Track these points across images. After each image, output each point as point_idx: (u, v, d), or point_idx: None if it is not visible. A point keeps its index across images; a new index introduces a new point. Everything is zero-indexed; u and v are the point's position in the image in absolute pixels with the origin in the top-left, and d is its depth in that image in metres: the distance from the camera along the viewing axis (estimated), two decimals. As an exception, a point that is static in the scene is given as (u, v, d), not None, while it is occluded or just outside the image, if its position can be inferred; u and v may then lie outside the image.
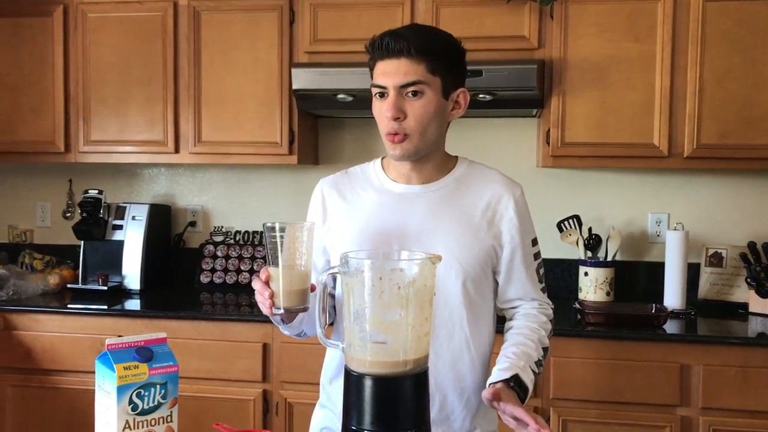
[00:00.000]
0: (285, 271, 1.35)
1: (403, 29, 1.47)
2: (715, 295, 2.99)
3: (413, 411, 1.15)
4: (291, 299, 1.36)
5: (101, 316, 2.86)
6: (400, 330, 1.12)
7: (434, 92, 1.45)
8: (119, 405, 1.16)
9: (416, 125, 1.45)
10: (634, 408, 2.53)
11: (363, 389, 1.13)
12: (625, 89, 2.78)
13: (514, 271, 1.58)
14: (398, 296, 1.12)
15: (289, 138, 2.99)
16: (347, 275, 1.15)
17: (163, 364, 1.20)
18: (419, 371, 1.15)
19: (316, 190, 1.65)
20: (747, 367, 2.46)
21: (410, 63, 1.42)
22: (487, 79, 2.70)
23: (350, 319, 1.14)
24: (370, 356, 1.13)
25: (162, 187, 3.50)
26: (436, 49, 1.45)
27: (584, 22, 2.79)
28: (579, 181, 3.17)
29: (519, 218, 1.56)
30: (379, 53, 1.45)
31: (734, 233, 3.07)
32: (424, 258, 1.13)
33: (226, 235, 3.42)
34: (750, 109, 2.72)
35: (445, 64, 1.46)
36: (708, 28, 2.72)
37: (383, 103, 1.46)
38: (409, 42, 1.41)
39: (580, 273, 3.01)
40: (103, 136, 3.13)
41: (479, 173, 1.59)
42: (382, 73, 1.45)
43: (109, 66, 3.10)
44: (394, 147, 1.48)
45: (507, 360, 1.47)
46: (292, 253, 1.35)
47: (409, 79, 1.42)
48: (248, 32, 2.99)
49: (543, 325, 1.60)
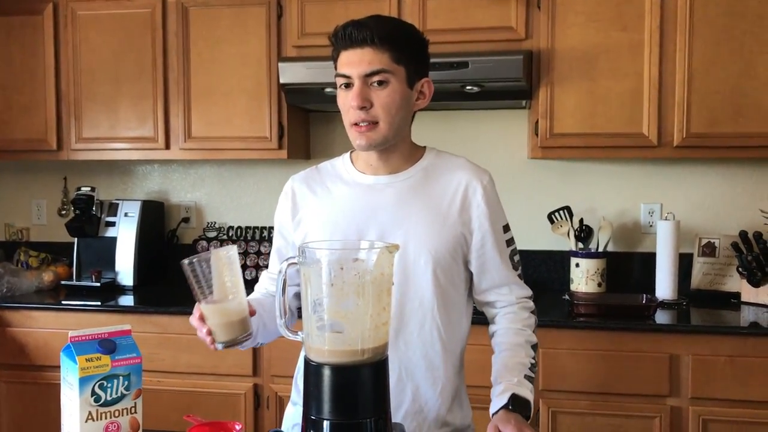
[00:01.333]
0: (216, 306, 1.29)
1: (365, 19, 1.47)
2: (708, 285, 2.97)
3: (372, 400, 1.15)
4: (230, 332, 1.30)
5: (94, 312, 2.87)
6: (357, 319, 1.12)
7: (399, 81, 1.45)
8: (81, 396, 1.17)
9: (383, 113, 1.45)
10: (624, 398, 2.52)
11: (322, 378, 1.14)
12: (613, 79, 2.76)
13: (486, 258, 1.56)
14: (355, 285, 1.12)
15: (279, 132, 2.99)
16: (305, 265, 1.15)
17: (127, 355, 1.21)
18: (378, 360, 1.15)
19: (287, 185, 1.66)
20: (736, 356, 2.44)
21: (374, 52, 1.42)
22: (473, 71, 2.69)
23: (308, 309, 1.14)
24: (328, 345, 1.14)
25: (155, 183, 3.51)
26: (399, 38, 1.45)
27: (572, 12, 2.77)
28: (570, 172, 3.16)
29: (487, 205, 1.54)
30: (343, 43, 1.45)
31: (726, 222, 3.05)
32: (381, 247, 1.13)
33: (220, 230, 3.43)
34: (739, 97, 2.70)
35: (408, 53, 1.46)
36: (696, 16, 2.70)
37: (348, 94, 1.46)
38: (373, 31, 1.42)
39: (572, 264, 3.00)
40: (94, 133, 3.14)
41: (447, 162, 1.59)
42: (346, 63, 1.45)
43: (100, 63, 3.11)
44: (360, 136, 1.48)
45: (501, 382, 1.47)
46: (221, 284, 1.28)
47: (373, 68, 1.42)
48: (236, 27, 3.00)
49: (527, 322, 1.59)
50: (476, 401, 1.69)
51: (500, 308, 1.61)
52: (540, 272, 3.16)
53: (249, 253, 3.34)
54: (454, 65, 2.68)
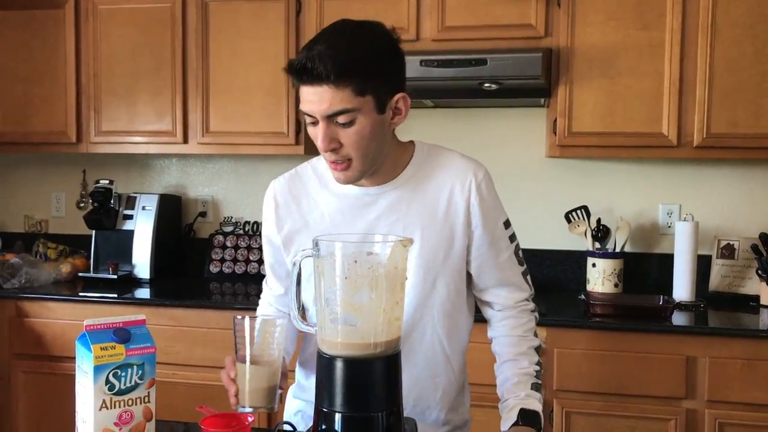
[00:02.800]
0: (252, 369, 1.30)
1: (321, 48, 1.27)
2: (726, 288, 2.94)
3: (384, 394, 1.15)
4: (257, 398, 1.31)
5: (111, 305, 2.90)
6: (370, 312, 1.12)
7: (367, 114, 1.31)
8: (96, 384, 1.18)
9: (354, 152, 1.34)
10: (639, 400, 2.50)
11: (334, 371, 1.13)
12: (633, 78, 2.74)
13: (484, 258, 1.48)
14: (368, 279, 1.12)
15: (296, 128, 3.00)
16: (319, 258, 1.15)
17: (141, 345, 1.21)
18: (390, 354, 1.15)
19: (268, 195, 1.54)
20: (754, 359, 2.41)
21: (333, 90, 1.27)
22: (492, 68, 2.68)
23: (321, 302, 1.14)
24: (340, 338, 1.14)
25: (173, 177, 3.53)
26: (361, 68, 1.28)
27: (592, 10, 2.75)
28: (588, 171, 3.14)
29: (483, 203, 1.45)
30: (298, 77, 1.30)
31: (746, 224, 3.01)
32: (396, 241, 1.13)
33: (236, 225, 3.44)
34: (760, 97, 2.66)
35: (376, 79, 1.31)
36: (718, 16, 2.67)
37: (316, 130, 1.34)
38: (328, 68, 1.25)
39: (588, 264, 2.97)
40: (113, 126, 3.16)
41: (438, 159, 1.48)
42: (307, 101, 1.30)
43: (119, 57, 3.14)
44: (337, 174, 1.39)
45: (508, 398, 1.44)
46: (261, 349, 1.30)
47: (334, 109, 1.28)
48: (255, 23, 3.01)
49: (527, 326, 1.53)
50: (477, 399, 1.68)
51: (498, 311, 1.54)
52: (556, 272, 3.14)
53: (265, 248, 3.35)
54: (472, 62, 2.67)
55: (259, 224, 3.42)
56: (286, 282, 1.59)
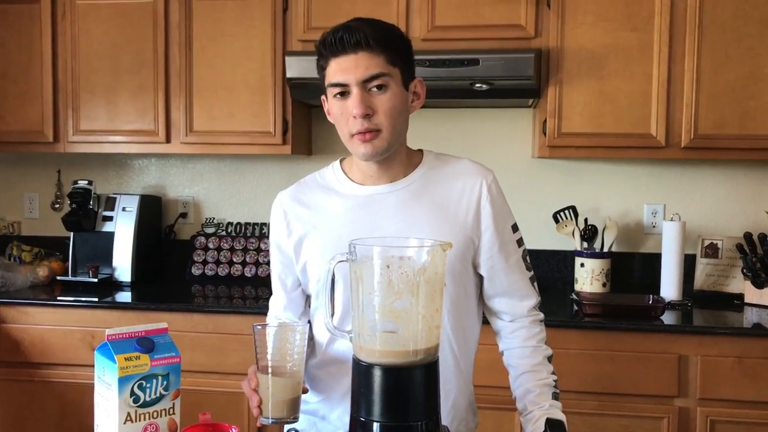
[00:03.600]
0: (275, 380, 1.27)
1: (353, 23, 1.38)
2: (710, 286, 2.98)
3: (423, 402, 1.12)
4: (280, 410, 1.29)
5: (92, 309, 2.81)
6: (410, 319, 1.09)
7: (397, 84, 1.39)
8: (120, 397, 1.13)
9: (386, 120, 1.38)
10: (632, 399, 2.51)
11: (372, 379, 1.10)
12: (622, 79, 2.76)
13: (495, 261, 1.49)
14: (408, 284, 1.09)
15: (283, 128, 2.95)
16: (355, 263, 1.12)
17: (165, 354, 1.17)
18: (430, 361, 1.12)
19: (275, 205, 1.56)
20: (744, 357, 2.45)
21: (370, 56, 1.35)
22: (484, 68, 2.67)
23: (360, 308, 1.11)
24: (379, 346, 1.10)
25: (152, 177, 3.45)
26: (393, 40, 1.39)
27: (581, 11, 2.76)
28: (574, 172, 3.15)
29: (493, 206, 1.48)
30: (334, 49, 1.36)
31: (729, 224, 3.07)
32: (435, 245, 1.10)
33: (218, 226, 3.38)
34: (747, 99, 2.71)
35: (401, 54, 1.40)
36: (705, 18, 2.71)
37: (346, 102, 1.37)
38: (366, 34, 1.34)
39: (576, 264, 2.99)
40: (92, 125, 3.07)
41: (448, 164, 1.52)
42: (341, 70, 1.36)
43: (99, 54, 3.05)
44: (365, 146, 1.39)
45: (532, 410, 1.43)
46: (282, 357, 1.28)
47: (372, 72, 1.35)
48: (240, 20, 2.95)
49: (539, 336, 1.54)
50: (481, 401, 1.67)
51: (509, 322, 1.54)
52: (544, 271, 3.14)
53: (249, 249, 3.29)
54: (464, 62, 2.66)
55: (242, 225, 3.35)
56: (292, 293, 1.58)
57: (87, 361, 2.77)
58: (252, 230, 3.34)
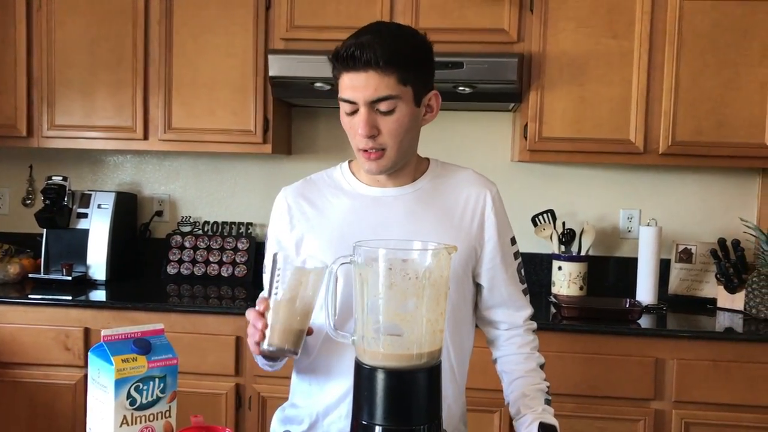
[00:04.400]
0: (286, 304, 1.25)
1: (368, 37, 1.34)
2: (684, 291, 3.04)
3: (426, 405, 1.12)
4: (286, 338, 1.26)
5: (66, 307, 2.75)
6: (415, 322, 1.09)
7: (406, 103, 1.37)
8: (117, 399, 1.10)
9: (391, 140, 1.38)
10: (609, 401, 2.54)
11: (375, 383, 1.10)
12: (602, 85, 2.79)
13: (496, 271, 1.52)
14: (414, 286, 1.09)
15: (264, 126, 2.93)
16: (360, 266, 1.11)
17: (162, 356, 1.15)
18: (433, 365, 1.12)
19: (279, 199, 1.54)
20: (718, 360, 2.50)
21: (379, 76, 1.32)
22: (468, 72, 2.68)
23: (364, 311, 1.11)
24: (383, 349, 1.10)
25: (127, 174, 3.39)
26: (405, 58, 1.34)
27: (564, 17, 2.79)
28: (553, 176, 3.18)
29: (497, 217, 1.51)
30: (345, 65, 1.34)
31: (703, 230, 3.13)
32: (441, 248, 1.10)
33: (194, 225, 3.33)
34: (723, 107, 2.76)
35: (415, 71, 1.37)
36: (684, 27, 2.75)
37: (354, 119, 1.38)
38: (377, 53, 1.31)
39: (554, 267, 3.02)
40: (68, 120, 3.01)
41: (453, 173, 1.55)
42: (350, 87, 1.35)
43: (76, 48, 2.98)
44: (369, 163, 1.41)
45: (526, 414, 1.44)
46: (295, 292, 1.26)
47: (379, 95, 1.33)
48: (222, 17, 2.91)
49: (533, 344, 1.57)
50: (470, 403, 1.68)
51: (504, 330, 1.57)
52: (521, 274, 3.16)
53: (226, 249, 3.26)
54: (449, 65, 2.66)
55: (219, 224, 3.31)
56: None
57: (60, 360, 2.72)
58: (229, 229, 3.30)
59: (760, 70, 2.74)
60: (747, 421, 2.50)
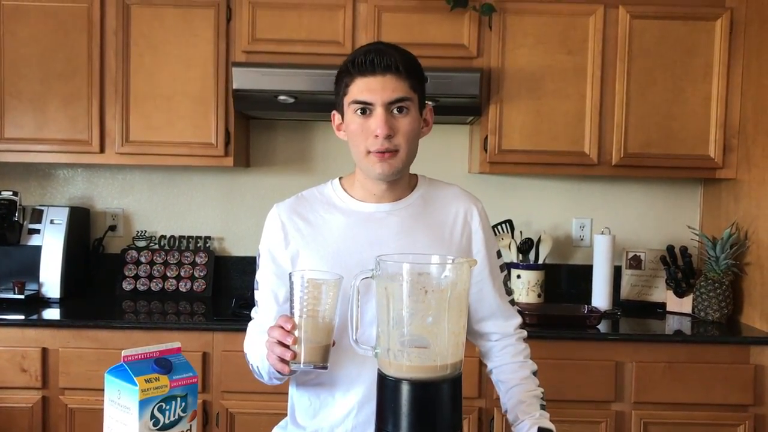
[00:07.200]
0: (312, 322, 1.26)
1: (381, 47, 1.45)
2: (635, 296, 3.17)
3: (450, 415, 1.15)
4: (317, 353, 1.27)
5: (22, 327, 2.65)
6: (440, 334, 1.12)
7: (415, 109, 1.46)
8: (141, 420, 1.09)
9: (405, 142, 1.45)
10: (572, 405, 2.63)
11: (400, 394, 1.12)
12: (558, 99, 2.90)
13: (484, 285, 1.57)
14: (438, 299, 1.11)
15: (225, 139, 2.90)
16: (384, 279, 1.13)
17: (183, 375, 1.14)
18: (456, 376, 1.15)
19: (272, 215, 1.55)
20: (673, 362, 2.62)
21: (397, 79, 1.42)
22: (431, 86, 2.68)
23: (389, 324, 1.13)
24: (408, 361, 1.13)
25: (78, 188, 3.30)
26: (416, 68, 1.47)
27: (521, 33, 2.88)
28: (510, 187, 3.27)
29: (484, 232, 1.57)
30: (363, 69, 1.42)
31: (651, 237, 3.28)
32: (463, 261, 1.14)
33: (150, 240, 3.27)
34: (669, 120, 2.90)
35: (420, 82, 1.48)
36: (633, 43, 2.89)
37: (368, 121, 1.43)
38: (395, 59, 1.42)
39: (513, 276, 3.10)
40: (18, 133, 2.90)
41: (442, 189, 1.61)
42: (367, 90, 1.42)
43: (27, 59, 2.89)
44: (381, 164, 1.44)
45: (524, 420, 1.47)
46: (314, 308, 1.27)
47: (398, 95, 1.42)
48: (182, 28, 2.88)
49: (526, 353, 1.61)
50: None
51: (495, 341, 1.61)
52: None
53: (183, 263, 3.21)
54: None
55: (176, 238, 3.26)
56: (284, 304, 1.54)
57: (16, 383, 2.62)
58: (186, 243, 3.25)
59: (703, 86, 2.90)
60: (701, 419, 2.63)
